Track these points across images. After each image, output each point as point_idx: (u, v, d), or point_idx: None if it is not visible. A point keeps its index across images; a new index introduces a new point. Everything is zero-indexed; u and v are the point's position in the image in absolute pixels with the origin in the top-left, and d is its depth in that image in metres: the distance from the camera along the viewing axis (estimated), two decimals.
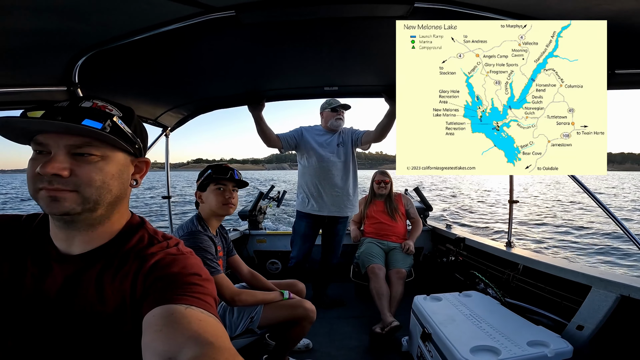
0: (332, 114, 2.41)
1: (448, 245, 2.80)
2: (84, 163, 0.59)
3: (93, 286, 0.61)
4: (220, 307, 1.53)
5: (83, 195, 0.58)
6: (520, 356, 1.22)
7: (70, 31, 1.03)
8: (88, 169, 0.59)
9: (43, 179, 0.56)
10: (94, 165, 0.59)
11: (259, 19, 1.10)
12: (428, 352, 1.52)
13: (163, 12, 1.00)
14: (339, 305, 2.59)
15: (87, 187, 0.58)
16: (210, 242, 1.40)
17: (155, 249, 0.67)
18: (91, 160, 0.59)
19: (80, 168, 0.58)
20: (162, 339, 0.48)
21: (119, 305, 0.62)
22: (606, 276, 1.51)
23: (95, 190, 0.60)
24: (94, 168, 0.59)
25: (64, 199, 0.57)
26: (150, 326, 0.52)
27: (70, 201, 0.57)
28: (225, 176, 1.46)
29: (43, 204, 0.57)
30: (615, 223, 1.53)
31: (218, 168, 1.49)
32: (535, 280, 1.90)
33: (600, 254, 7.27)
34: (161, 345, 0.47)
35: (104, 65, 1.31)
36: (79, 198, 0.58)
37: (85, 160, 0.59)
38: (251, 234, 3.22)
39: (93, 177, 0.59)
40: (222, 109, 2.24)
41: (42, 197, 0.56)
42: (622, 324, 1.41)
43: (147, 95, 1.82)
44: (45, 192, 0.56)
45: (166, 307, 0.54)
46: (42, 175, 0.55)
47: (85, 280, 0.61)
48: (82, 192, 0.58)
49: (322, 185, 2.37)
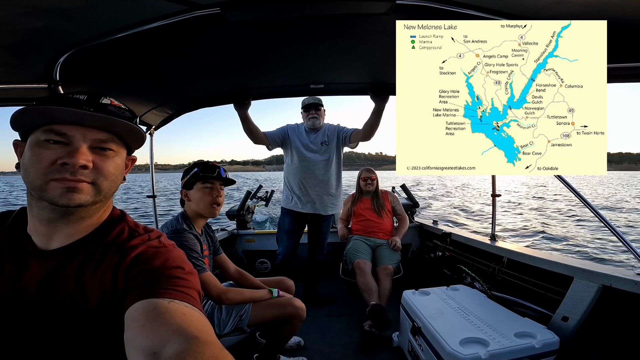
0: (305, 114, 2.43)
1: (435, 241, 2.84)
2: (104, 157, 0.62)
3: (73, 281, 0.60)
4: (208, 305, 1.50)
5: (99, 187, 0.61)
6: (508, 347, 1.25)
7: (53, 28, 1.01)
8: (107, 162, 0.62)
9: (64, 169, 0.57)
10: (111, 159, 0.63)
11: (244, 17, 1.09)
12: (419, 345, 1.54)
13: (147, 9, 0.99)
14: (329, 303, 2.60)
15: (104, 179, 0.61)
16: (196, 240, 1.37)
17: (136, 241, 0.66)
18: (109, 155, 0.63)
19: (101, 161, 0.61)
20: (146, 334, 0.47)
21: (100, 300, 0.60)
22: (588, 267, 1.55)
23: (109, 183, 0.63)
24: (112, 162, 0.63)
25: (81, 190, 0.58)
26: (133, 321, 0.51)
27: (86, 193, 0.59)
28: (212, 174, 1.44)
29: (55, 194, 0.57)
30: (596, 216, 1.58)
31: (205, 166, 1.46)
32: (519, 272, 1.94)
33: (582, 246, 7.59)
34: (145, 340, 0.47)
35: (86, 63, 1.28)
36: (94, 190, 0.60)
37: (104, 154, 0.62)
38: (239, 234, 3.19)
39: (111, 171, 0.63)
40: (225, 111, 2.22)
41: (56, 188, 0.57)
42: (606, 314, 1.45)
43: (130, 93, 1.78)
44: (62, 182, 0.57)
45: (149, 301, 0.54)
46: (62, 166, 0.56)
47: (65, 275, 0.60)
48: (99, 184, 0.61)
49: (304, 184, 2.39)
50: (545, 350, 1.27)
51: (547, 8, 0.99)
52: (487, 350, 1.23)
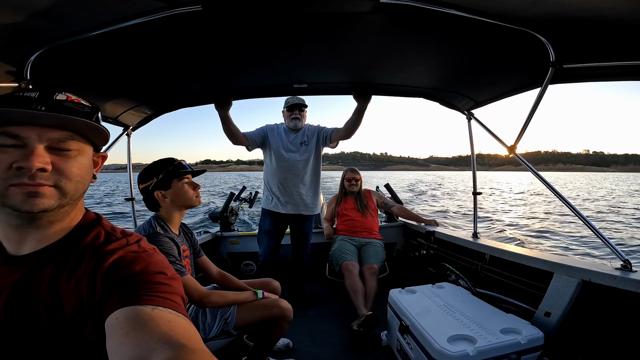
0: (288, 113, 2.41)
1: (419, 239, 2.86)
2: (64, 157, 0.57)
3: (46, 288, 0.56)
4: (192, 310, 1.46)
5: (63, 190, 0.57)
6: (495, 343, 1.26)
7: (24, 25, 0.95)
8: (69, 163, 0.58)
9: (21, 174, 0.52)
10: (73, 159, 0.59)
11: (226, 15, 1.07)
12: (407, 344, 1.54)
13: (126, 6, 0.96)
14: (316, 303, 2.58)
15: (67, 181, 0.57)
16: (172, 244, 1.33)
17: (114, 246, 0.63)
18: (70, 155, 0.58)
19: (62, 162, 0.57)
20: (130, 343, 0.45)
21: (76, 308, 0.57)
22: (567, 262, 1.58)
23: (74, 185, 0.59)
24: (75, 162, 0.59)
25: (43, 194, 0.54)
26: (116, 329, 0.48)
27: (50, 197, 0.55)
28: (187, 169, 1.42)
29: (17, 200, 0.52)
30: (573, 212, 1.62)
31: (178, 164, 1.41)
32: (501, 269, 1.97)
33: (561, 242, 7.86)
34: (130, 350, 0.44)
35: (59, 61, 1.24)
36: (58, 193, 0.56)
37: (64, 154, 0.57)
38: (223, 236, 3.13)
39: (74, 172, 0.58)
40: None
41: (16, 194, 0.52)
42: (587, 308, 1.49)
43: (106, 93, 1.73)
44: (21, 188, 0.53)
45: (131, 308, 0.51)
46: (19, 170, 0.52)
47: (37, 282, 0.56)
48: (62, 187, 0.56)
49: (283, 184, 2.38)
50: (530, 345, 1.29)
51: (531, 9, 1.01)
52: (475, 347, 1.24)
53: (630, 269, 1.41)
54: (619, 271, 1.41)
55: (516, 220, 11.25)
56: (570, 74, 1.47)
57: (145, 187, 1.38)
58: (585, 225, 1.57)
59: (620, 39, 1.16)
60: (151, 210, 1.43)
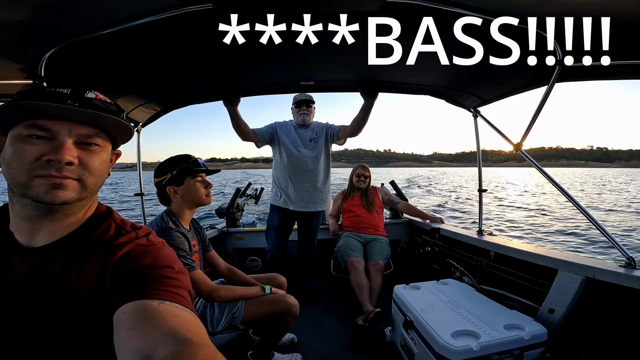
0: (296, 110, 2.43)
1: (424, 236, 2.87)
2: (89, 152, 0.60)
3: (57, 279, 0.58)
4: (200, 303, 1.49)
5: (85, 183, 0.59)
6: (498, 339, 1.27)
7: (40, 23, 0.98)
8: (93, 158, 0.60)
9: (49, 166, 0.55)
10: (97, 155, 0.61)
11: (237, 13, 1.08)
12: (411, 339, 1.56)
13: (139, 4, 0.97)
14: (321, 299, 2.61)
15: (90, 175, 0.60)
16: (183, 239, 1.36)
17: (124, 239, 0.64)
18: (95, 150, 0.61)
19: (87, 157, 0.59)
20: (137, 337, 0.47)
21: (85, 300, 0.59)
22: (571, 259, 1.59)
23: (94, 179, 0.61)
24: (97, 157, 0.61)
25: (66, 186, 0.56)
26: (123, 323, 0.50)
27: (72, 189, 0.57)
28: (201, 168, 1.45)
29: (40, 191, 0.55)
30: (578, 209, 1.62)
31: (193, 162, 1.44)
32: (506, 266, 1.98)
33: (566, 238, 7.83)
34: (136, 343, 0.46)
35: (72, 59, 1.25)
36: (80, 187, 0.59)
37: (89, 149, 0.60)
38: (229, 232, 3.16)
39: (96, 167, 0.61)
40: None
41: (40, 184, 0.55)
42: (591, 306, 1.49)
43: (118, 89, 1.75)
44: (47, 179, 0.55)
45: (138, 302, 0.52)
46: (47, 162, 0.54)
47: (49, 274, 0.58)
48: (84, 180, 0.59)
49: (292, 181, 2.39)
50: (534, 342, 1.30)
51: (539, 8, 1.01)
52: (479, 342, 1.26)
53: (634, 266, 1.41)
54: (623, 268, 1.41)
55: (520, 217, 11.18)
56: (577, 73, 1.46)
57: (159, 182, 1.42)
58: (590, 221, 1.57)
59: (627, 37, 1.15)
60: (163, 204, 1.46)
